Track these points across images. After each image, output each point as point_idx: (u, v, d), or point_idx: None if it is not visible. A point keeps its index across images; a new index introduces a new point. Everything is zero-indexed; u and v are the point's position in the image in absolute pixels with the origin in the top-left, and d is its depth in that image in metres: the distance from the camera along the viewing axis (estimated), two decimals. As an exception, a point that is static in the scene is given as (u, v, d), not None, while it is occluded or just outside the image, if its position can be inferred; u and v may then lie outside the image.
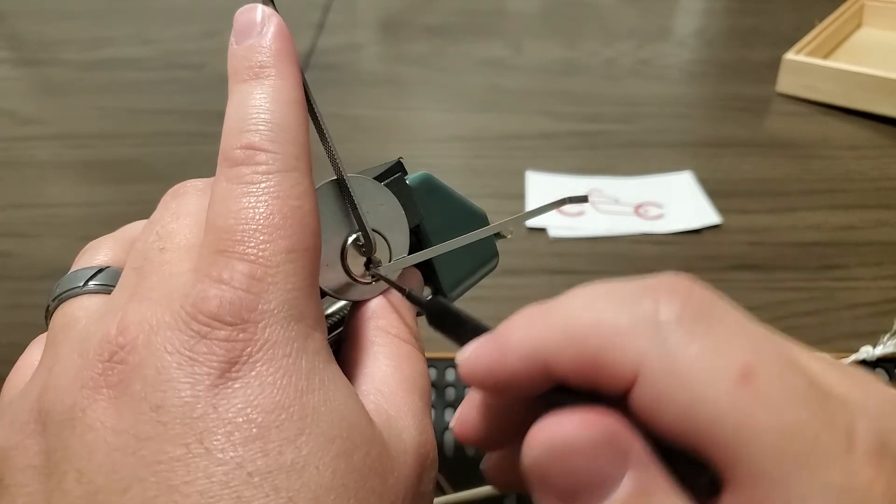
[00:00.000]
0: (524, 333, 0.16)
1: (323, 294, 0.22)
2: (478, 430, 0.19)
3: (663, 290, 0.15)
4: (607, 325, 0.15)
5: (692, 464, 0.14)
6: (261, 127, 0.19)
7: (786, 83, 0.72)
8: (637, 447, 0.15)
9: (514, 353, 0.16)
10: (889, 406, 0.15)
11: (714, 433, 0.14)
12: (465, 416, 0.19)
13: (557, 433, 0.15)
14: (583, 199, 0.20)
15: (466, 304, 0.30)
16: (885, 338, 0.42)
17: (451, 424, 0.20)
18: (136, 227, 0.24)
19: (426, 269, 0.26)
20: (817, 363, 0.16)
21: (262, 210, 0.18)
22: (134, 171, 0.62)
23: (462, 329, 0.20)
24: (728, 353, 0.14)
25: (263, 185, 0.18)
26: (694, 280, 0.15)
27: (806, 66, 0.70)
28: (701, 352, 0.14)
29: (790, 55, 0.72)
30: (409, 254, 0.24)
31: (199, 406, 0.16)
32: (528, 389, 0.16)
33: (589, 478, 0.14)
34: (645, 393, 0.14)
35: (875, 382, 0.16)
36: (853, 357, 0.41)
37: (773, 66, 0.73)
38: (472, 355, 0.17)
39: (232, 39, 0.21)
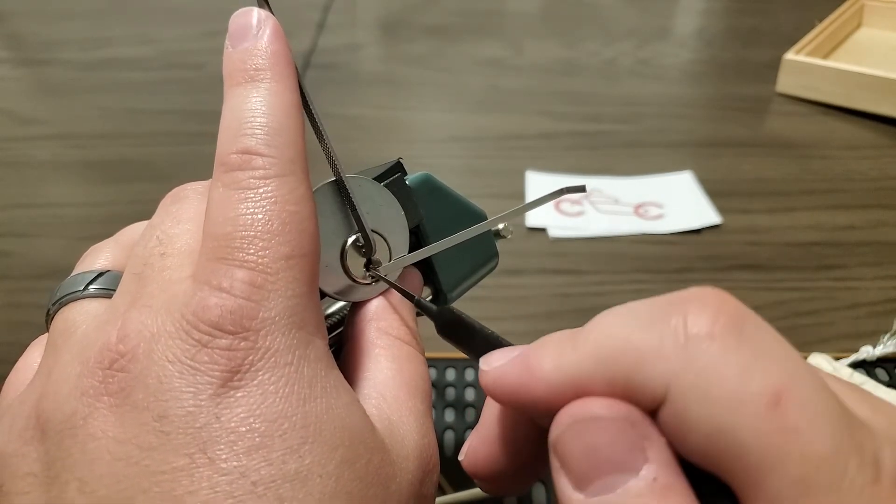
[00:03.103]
0: (555, 362, 0.16)
1: (323, 295, 0.22)
2: (487, 464, 0.19)
3: (692, 302, 0.15)
4: (636, 346, 0.15)
5: (714, 487, 0.14)
6: (257, 131, 0.19)
7: (786, 83, 0.72)
8: (659, 443, 0.14)
9: (544, 381, 0.16)
10: None
11: (739, 459, 0.13)
12: (475, 450, 0.19)
13: (583, 407, 0.15)
14: (580, 189, 0.20)
15: (466, 303, 0.30)
16: (885, 338, 0.42)
17: (461, 457, 0.20)
18: (136, 229, 0.24)
19: (426, 269, 0.26)
20: (839, 385, 0.15)
21: (260, 216, 0.18)
22: (134, 171, 0.62)
23: (474, 340, 0.20)
24: (758, 375, 0.13)
25: (261, 190, 0.18)
26: (724, 292, 0.15)
27: (806, 66, 0.70)
28: (730, 374, 0.14)
29: (790, 55, 0.72)
30: (409, 253, 0.24)
31: (202, 416, 0.16)
32: (553, 411, 0.16)
33: (607, 458, 0.14)
34: (673, 413, 0.14)
35: (893, 407, 0.15)
36: (853, 357, 0.41)
37: (773, 66, 0.73)
38: (498, 372, 0.17)
39: (227, 43, 0.20)
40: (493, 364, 0.17)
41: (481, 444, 0.19)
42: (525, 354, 0.17)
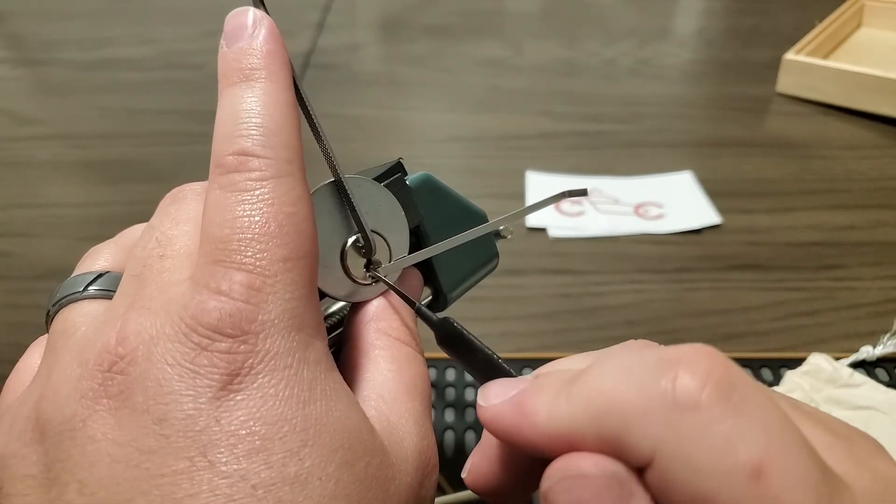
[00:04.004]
0: (548, 412, 0.16)
1: (323, 296, 0.22)
2: (489, 482, 0.20)
3: (682, 364, 0.15)
4: (625, 407, 0.15)
5: None
6: (252, 132, 0.19)
7: (786, 83, 0.72)
8: (644, 502, 0.15)
9: (537, 430, 0.16)
10: (893, 490, 0.15)
11: None
12: (477, 468, 0.20)
13: (572, 463, 0.16)
14: (582, 193, 0.20)
15: (467, 304, 0.30)
16: (885, 338, 0.42)
17: (463, 475, 0.20)
18: (137, 230, 0.23)
19: (426, 269, 0.26)
20: (824, 435, 0.16)
21: (257, 218, 0.18)
22: (134, 171, 0.62)
23: (473, 356, 0.20)
24: (742, 447, 0.14)
25: (258, 192, 0.18)
26: (715, 354, 0.15)
27: (806, 66, 0.70)
28: (714, 445, 0.14)
29: (790, 55, 0.72)
30: (410, 254, 0.24)
31: (202, 419, 0.16)
32: (546, 454, 0.17)
33: None
34: (659, 475, 0.15)
35: (879, 457, 0.16)
36: (853, 357, 0.41)
37: (773, 66, 0.73)
38: (494, 411, 0.17)
39: (222, 42, 0.20)
40: (491, 401, 0.18)
41: (482, 462, 0.20)
42: (521, 398, 0.17)
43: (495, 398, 0.18)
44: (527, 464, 0.19)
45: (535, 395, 0.17)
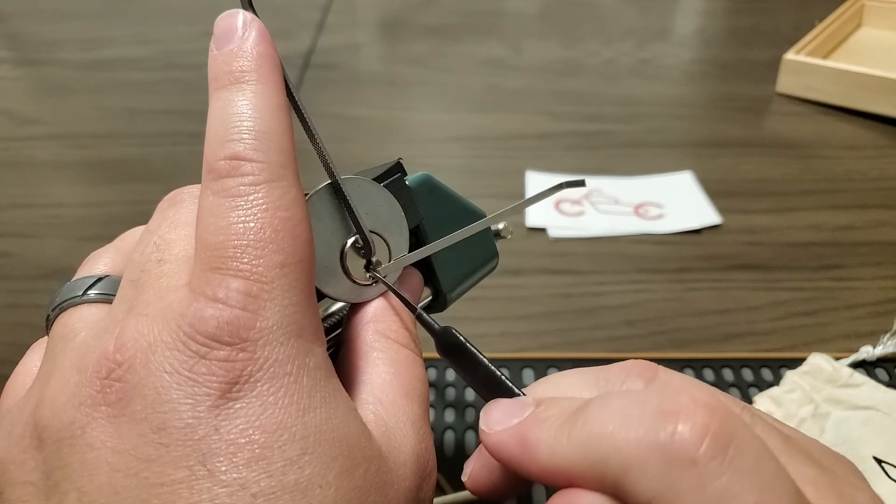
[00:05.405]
0: (550, 450, 0.17)
1: (322, 296, 0.22)
2: (489, 486, 0.21)
3: (682, 416, 0.15)
4: (625, 457, 0.15)
5: None
6: (244, 135, 0.18)
7: (786, 83, 0.72)
8: None
9: (538, 465, 0.17)
10: None
11: None
12: (477, 474, 0.21)
13: (570, 498, 0.16)
14: (580, 184, 0.20)
15: (467, 303, 0.30)
16: (885, 338, 0.42)
17: (464, 479, 0.21)
18: (137, 234, 0.23)
19: (426, 269, 0.25)
20: (811, 470, 0.16)
21: (252, 224, 0.17)
22: (134, 171, 0.62)
23: (472, 368, 0.20)
24: (734, 503, 0.14)
25: (251, 197, 0.18)
26: (713, 404, 0.16)
27: (806, 66, 0.70)
28: (709, 502, 0.15)
29: (790, 55, 0.72)
30: (409, 253, 0.24)
31: (201, 428, 0.16)
32: (546, 484, 0.17)
33: None
34: None
35: (859, 488, 0.17)
36: (853, 357, 0.41)
37: (773, 66, 0.73)
38: (497, 438, 0.18)
39: (212, 45, 0.20)
40: (493, 427, 0.18)
41: (482, 471, 0.20)
42: (523, 430, 0.18)
43: (497, 424, 0.18)
44: None
45: (536, 428, 0.18)
